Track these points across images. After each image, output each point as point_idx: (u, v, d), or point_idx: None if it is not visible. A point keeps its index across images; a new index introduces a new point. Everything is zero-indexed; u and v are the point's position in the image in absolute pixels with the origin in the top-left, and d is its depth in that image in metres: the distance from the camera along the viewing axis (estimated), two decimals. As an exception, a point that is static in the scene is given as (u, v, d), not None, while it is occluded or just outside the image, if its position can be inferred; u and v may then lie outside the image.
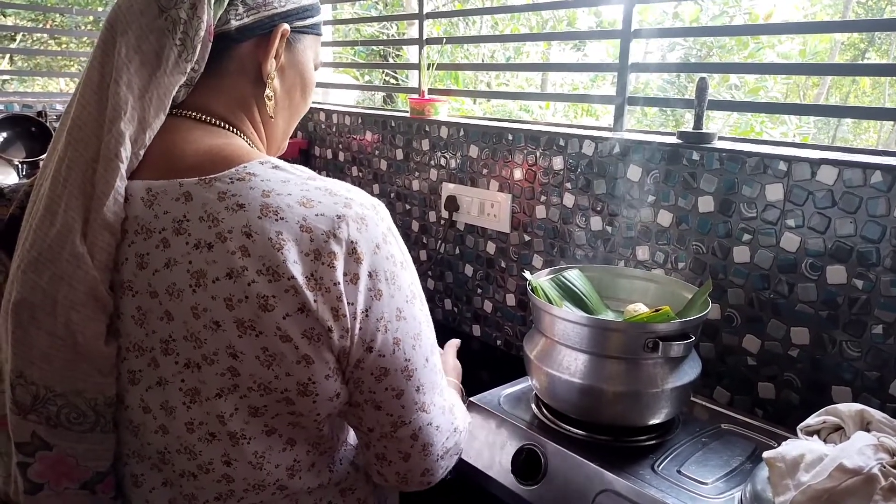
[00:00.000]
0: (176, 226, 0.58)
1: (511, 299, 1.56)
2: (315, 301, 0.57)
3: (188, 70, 0.63)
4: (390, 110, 2.01)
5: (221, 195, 0.58)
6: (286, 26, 0.67)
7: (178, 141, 0.64)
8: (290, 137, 2.37)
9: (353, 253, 0.59)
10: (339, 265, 0.58)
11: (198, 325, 0.58)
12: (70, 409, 0.60)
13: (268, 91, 0.69)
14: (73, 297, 0.57)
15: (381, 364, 0.64)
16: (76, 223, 0.58)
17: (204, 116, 0.67)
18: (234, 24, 0.65)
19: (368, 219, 0.61)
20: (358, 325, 0.60)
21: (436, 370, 0.71)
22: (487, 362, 1.56)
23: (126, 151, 0.60)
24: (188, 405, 0.60)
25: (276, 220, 0.57)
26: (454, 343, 1.05)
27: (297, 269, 0.56)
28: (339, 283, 0.58)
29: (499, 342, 1.61)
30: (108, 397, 0.61)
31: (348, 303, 0.59)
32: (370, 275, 0.60)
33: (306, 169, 0.64)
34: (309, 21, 0.71)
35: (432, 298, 1.77)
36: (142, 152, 0.61)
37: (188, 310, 0.58)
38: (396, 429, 0.68)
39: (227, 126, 0.68)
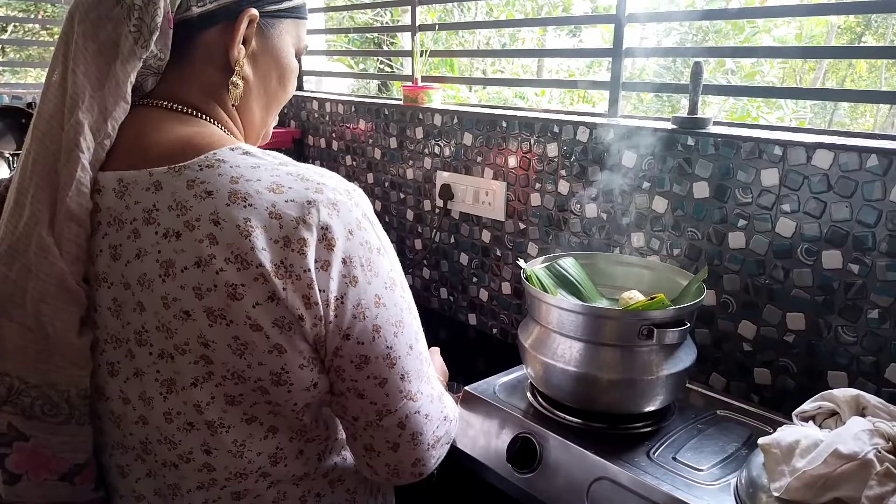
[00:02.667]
0: (146, 215, 0.58)
1: (506, 287, 1.55)
2: (285, 289, 0.56)
3: (144, 56, 0.62)
4: (384, 98, 2.00)
5: (190, 183, 0.58)
6: (254, 11, 0.66)
7: (148, 131, 0.63)
8: (283, 126, 2.36)
9: (324, 239, 0.58)
10: (310, 252, 0.57)
11: (168, 315, 0.57)
12: (44, 400, 0.60)
13: (234, 78, 0.67)
14: (42, 289, 0.57)
15: (361, 352, 0.63)
16: (43, 214, 0.58)
17: (175, 105, 0.66)
18: (196, 10, 0.64)
19: (341, 204, 0.60)
20: (332, 313, 0.59)
21: (421, 358, 0.69)
22: (483, 351, 1.56)
23: (87, 141, 0.59)
24: (165, 395, 0.60)
25: (245, 206, 0.56)
26: (434, 350, 1.04)
27: (265, 257, 0.56)
28: (309, 271, 0.57)
29: (494, 331, 1.61)
30: (81, 389, 0.61)
31: (320, 290, 0.58)
32: (344, 261, 0.59)
33: (279, 154, 0.63)
34: (284, 5, 0.69)
35: (428, 287, 1.76)
36: (107, 142, 0.61)
37: (159, 300, 0.57)
38: (382, 417, 0.67)
39: (199, 114, 0.67)
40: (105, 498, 0.68)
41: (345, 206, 0.60)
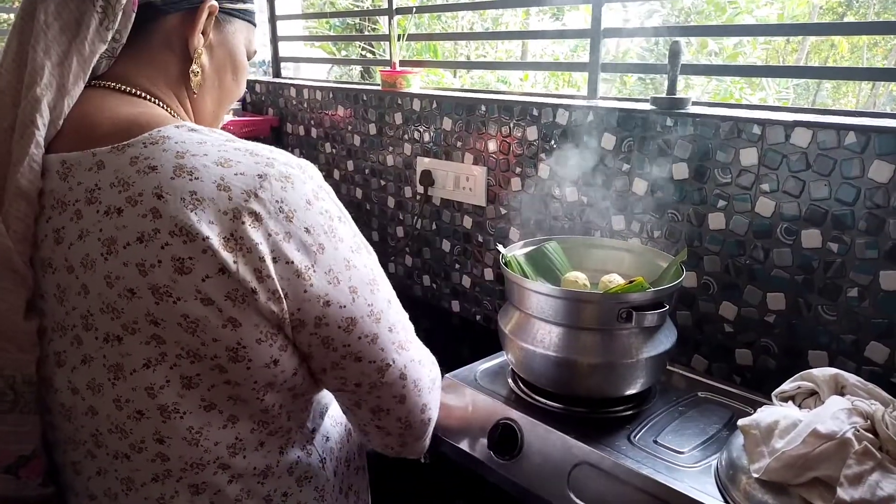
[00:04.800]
0: (88, 195, 0.57)
1: (489, 274, 1.54)
2: (235, 262, 0.55)
3: (109, 38, 0.61)
4: (362, 84, 1.97)
5: (133, 160, 0.57)
6: (214, 2, 0.67)
7: (92, 111, 0.62)
8: (261, 114, 2.32)
9: (280, 212, 0.57)
10: (263, 225, 0.56)
11: (112, 295, 0.56)
12: None
13: (194, 66, 0.68)
14: None
15: (345, 315, 0.62)
16: None
17: (123, 87, 0.65)
18: None
19: (294, 177, 0.60)
20: (307, 283, 0.59)
21: (400, 310, 0.71)
22: (467, 338, 1.55)
23: (43, 118, 0.58)
24: (113, 381, 0.58)
25: (191, 179, 0.55)
26: None
27: (212, 230, 0.54)
28: (260, 244, 0.56)
29: (478, 317, 1.60)
30: (26, 375, 0.59)
31: (285, 262, 0.57)
32: (307, 230, 0.59)
33: (226, 132, 0.62)
34: (240, 6, 0.72)
35: (410, 275, 1.75)
36: (60, 121, 0.60)
37: (102, 279, 0.56)
38: (383, 374, 0.68)
39: (147, 97, 0.66)
40: (56, 494, 0.66)
41: (298, 179, 0.60)
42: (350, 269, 0.63)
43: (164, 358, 0.57)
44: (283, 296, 0.58)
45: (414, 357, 0.71)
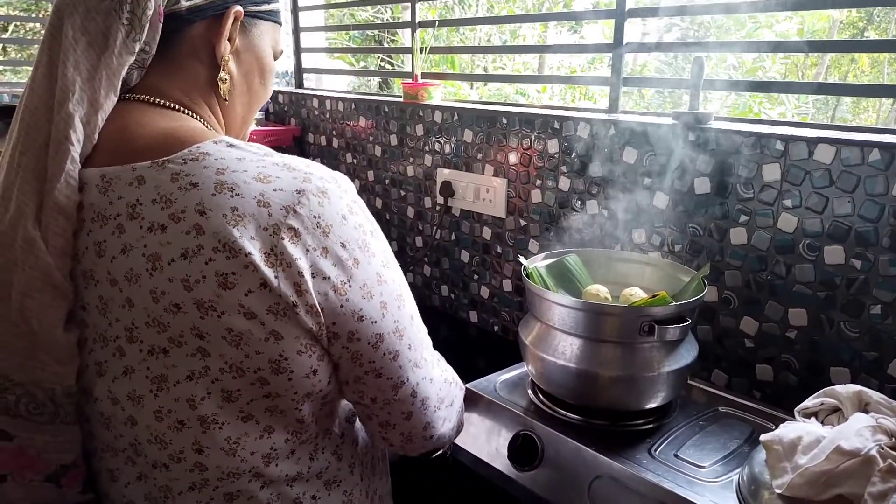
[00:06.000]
0: (130, 210, 0.58)
1: (507, 285, 1.55)
2: (276, 277, 0.56)
3: (136, 50, 0.62)
4: (384, 95, 1.99)
5: (174, 176, 0.57)
6: (239, 8, 0.67)
7: (130, 125, 0.63)
8: (283, 124, 2.35)
9: (318, 227, 0.58)
10: (301, 241, 0.57)
11: (158, 309, 0.57)
12: (28, 399, 0.59)
13: (222, 73, 0.68)
14: (27, 283, 0.57)
15: (375, 331, 0.64)
16: (29, 207, 0.57)
17: (157, 99, 0.66)
18: (185, 4, 0.64)
19: (331, 192, 0.60)
20: (344, 297, 0.60)
21: (421, 327, 0.72)
22: (484, 348, 1.55)
23: (77, 133, 0.59)
24: (156, 393, 0.59)
25: (232, 196, 0.56)
26: None
27: (254, 246, 0.55)
28: (299, 259, 0.57)
29: (496, 328, 1.60)
30: (66, 387, 0.60)
31: (322, 277, 0.58)
32: (343, 245, 0.60)
33: (263, 146, 0.63)
34: (264, 7, 0.71)
35: (429, 285, 1.76)
36: (95, 135, 0.61)
37: (147, 294, 0.57)
38: (397, 391, 0.69)
39: (181, 109, 0.67)
40: (94, 501, 0.68)
41: (335, 194, 0.61)
42: (381, 284, 0.64)
43: (208, 371, 0.58)
44: (319, 310, 0.59)
45: (426, 375, 0.72)
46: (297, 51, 2.28)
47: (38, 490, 0.62)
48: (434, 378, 0.74)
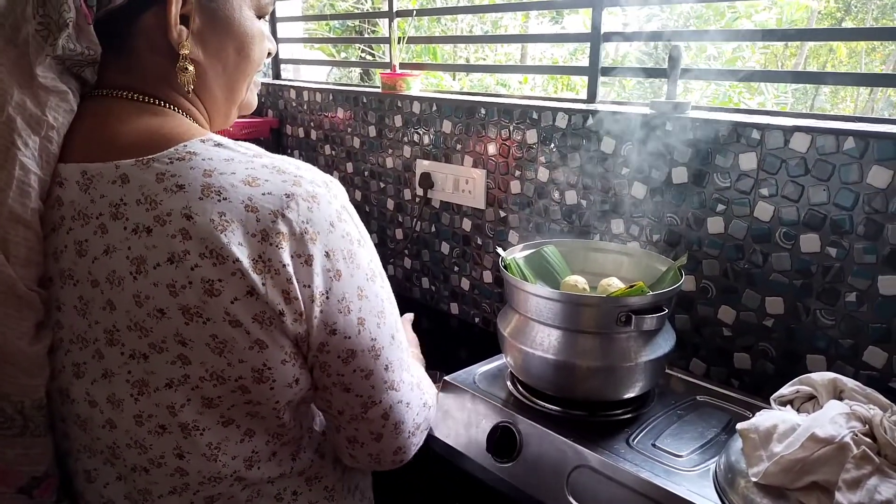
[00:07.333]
0: (113, 210, 0.56)
1: (488, 276, 1.54)
2: (264, 284, 0.55)
3: (57, 54, 0.57)
4: (362, 86, 1.97)
5: (160, 176, 0.55)
6: None
7: (111, 121, 0.60)
8: (260, 116, 2.32)
9: (305, 233, 0.56)
10: (289, 246, 0.56)
11: (141, 314, 0.55)
12: None
13: (180, 63, 0.61)
14: None
15: (347, 346, 0.62)
16: None
17: (136, 95, 0.62)
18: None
19: (320, 196, 0.58)
20: (318, 308, 0.58)
21: (402, 347, 0.69)
22: (465, 340, 1.55)
23: (23, 137, 0.56)
24: (136, 397, 0.58)
25: (219, 200, 0.54)
26: (408, 317, 1.04)
27: (242, 252, 0.54)
28: (288, 266, 0.56)
29: (476, 320, 1.60)
30: (34, 400, 0.58)
31: (303, 285, 0.57)
32: (327, 254, 0.58)
33: (253, 146, 0.61)
34: None
35: (409, 277, 1.75)
36: (52, 133, 0.58)
37: (130, 298, 0.55)
38: (367, 409, 0.67)
39: (161, 103, 0.63)
40: None
41: (324, 199, 0.59)
42: (362, 300, 0.62)
43: (187, 379, 0.57)
44: (305, 318, 0.58)
45: (402, 399, 0.70)
46: (275, 41, 2.25)
47: (10, 502, 0.60)
48: (412, 402, 0.72)
